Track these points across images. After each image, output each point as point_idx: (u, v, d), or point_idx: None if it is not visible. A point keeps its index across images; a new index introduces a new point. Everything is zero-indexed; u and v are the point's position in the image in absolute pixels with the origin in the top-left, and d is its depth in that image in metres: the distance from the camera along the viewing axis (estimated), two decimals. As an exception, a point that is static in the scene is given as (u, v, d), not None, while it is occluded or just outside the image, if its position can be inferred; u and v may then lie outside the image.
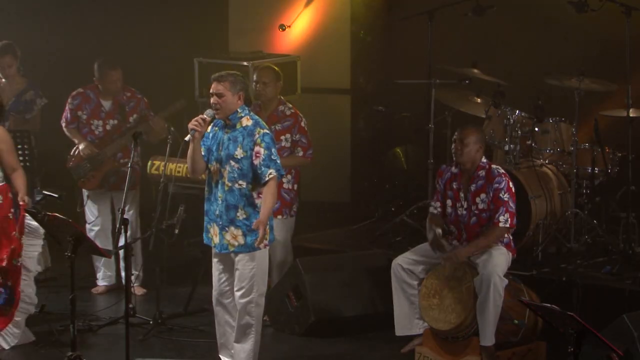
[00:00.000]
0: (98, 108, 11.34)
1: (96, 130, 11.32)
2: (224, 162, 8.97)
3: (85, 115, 11.32)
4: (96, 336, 10.20)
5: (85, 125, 11.32)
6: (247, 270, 9.04)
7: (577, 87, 10.91)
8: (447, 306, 9.59)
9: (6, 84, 11.47)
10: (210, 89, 9.02)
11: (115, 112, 11.32)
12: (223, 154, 8.99)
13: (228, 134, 9.00)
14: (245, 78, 9.18)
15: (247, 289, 9.02)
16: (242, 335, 9.14)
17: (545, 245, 10.77)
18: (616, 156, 11.04)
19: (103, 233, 11.31)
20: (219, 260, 9.16)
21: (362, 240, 11.85)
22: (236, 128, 8.98)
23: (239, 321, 9.10)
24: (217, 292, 9.21)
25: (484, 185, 9.65)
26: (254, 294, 9.05)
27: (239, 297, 9.05)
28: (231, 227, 8.98)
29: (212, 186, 9.09)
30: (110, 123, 11.30)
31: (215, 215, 9.05)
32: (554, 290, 10.01)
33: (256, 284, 9.04)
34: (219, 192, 9.01)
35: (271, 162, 8.91)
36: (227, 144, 8.99)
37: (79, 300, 9.32)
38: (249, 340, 9.14)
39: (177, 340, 10.13)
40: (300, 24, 13.39)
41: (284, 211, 10.69)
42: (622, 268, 10.47)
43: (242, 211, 8.97)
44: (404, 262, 9.81)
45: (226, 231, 9.01)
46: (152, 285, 10.98)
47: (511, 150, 11.05)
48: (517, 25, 11.97)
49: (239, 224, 8.97)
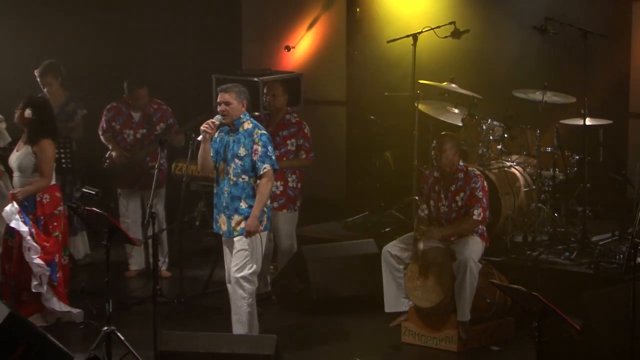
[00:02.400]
0: (129, 120, 11.39)
1: (128, 138, 11.37)
2: (230, 160, 9.06)
3: (118, 125, 11.38)
4: (128, 313, 10.25)
5: (119, 134, 11.38)
6: (242, 250, 9.07)
7: (541, 100, 10.96)
8: (429, 287, 9.61)
9: (50, 97, 11.38)
10: (218, 99, 9.09)
11: (144, 123, 11.36)
12: (229, 154, 9.07)
13: (232, 137, 9.09)
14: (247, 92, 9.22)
15: (241, 265, 9.08)
16: (236, 307, 9.19)
17: (513, 235, 10.79)
18: (574, 158, 11.03)
19: (134, 225, 11.32)
20: (227, 246, 9.22)
21: (356, 231, 11.86)
22: (239, 131, 9.07)
23: (232, 294, 9.17)
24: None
25: (463, 185, 9.69)
26: (246, 271, 9.08)
27: (234, 272, 9.11)
28: (235, 215, 9.05)
29: (220, 182, 9.15)
30: (140, 132, 11.34)
31: (222, 206, 9.12)
32: (521, 273, 10.02)
33: (249, 262, 9.08)
34: (226, 187, 9.08)
35: (267, 157, 9.00)
36: (232, 145, 9.08)
37: (113, 282, 9.36)
38: (242, 310, 9.16)
39: (197, 316, 10.20)
40: (303, 46, 13.48)
41: (289, 206, 10.75)
42: (578, 255, 10.52)
43: (244, 201, 9.04)
44: (392, 250, 9.86)
45: (232, 219, 9.07)
46: (176, 269, 11.00)
47: (484, 153, 11.06)
48: (488, 46, 11.95)
49: (242, 212, 9.04)
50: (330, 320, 10.28)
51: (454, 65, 11.89)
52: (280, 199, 10.69)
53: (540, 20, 10.80)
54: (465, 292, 9.48)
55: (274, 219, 10.54)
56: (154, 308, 9.05)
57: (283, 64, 13.34)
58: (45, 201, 9.93)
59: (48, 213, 9.93)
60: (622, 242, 10.67)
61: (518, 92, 11.25)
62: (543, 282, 9.64)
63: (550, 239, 10.89)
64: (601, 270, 10.18)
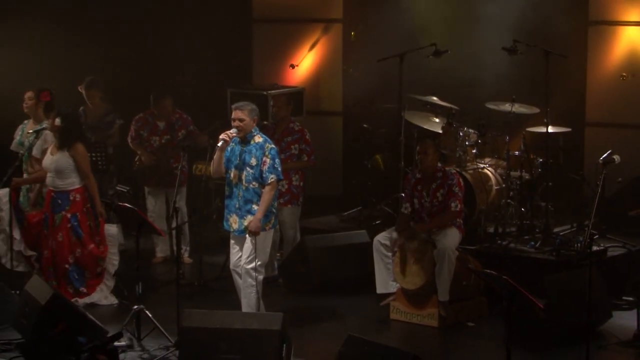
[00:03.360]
0: (155, 128, 11.37)
1: (154, 144, 11.34)
2: (242, 169, 9.01)
3: (145, 133, 11.36)
4: (155, 294, 10.24)
5: (146, 140, 11.36)
6: (252, 245, 9.03)
7: (509, 110, 10.98)
8: (413, 272, 9.64)
9: (92, 109, 11.45)
10: (233, 115, 9.04)
11: (168, 130, 11.33)
12: (241, 162, 9.03)
13: (244, 148, 9.03)
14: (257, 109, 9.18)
15: (252, 258, 9.03)
16: (246, 293, 9.15)
17: (486, 227, 10.80)
18: (538, 161, 11.03)
19: (159, 218, 11.28)
20: (235, 242, 9.18)
21: (351, 223, 11.87)
22: (250, 143, 9.02)
23: (243, 282, 9.13)
24: (233, 264, 9.22)
25: (442, 183, 9.71)
26: (256, 263, 9.06)
27: (245, 263, 9.06)
28: (248, 215, 9.00)
29: (232, 187, 9.10)
30: (165, 138, 11.31)
31: (235, 208, 9.07)
32: (492, 260, 10.03)
33: (257, 255, 9.04)
34: (239, 191, 9.04)
35: (274, 169, 8.95)
36: (244, 155, 9.03)
37: (142, 267, 9.50)
38: (251, 296, 9.12)
39: (214, 297, 10.21)
40: (305, 64, 13.50)
41: (293, 202, 10.75)
42: (542, 244, 10.53)
43: (256, 204, 8.99)
44: (382, 239, 9.88)
45: (244, 218, 9.02)
46: (196, 256, 11.02)
47: (461, 156, 11.05)
48: (464, 64, 11.93)
49: (254, 213, 8.99)
50: (328, 300, 10.29)
51: (435, 81, 11.88)
52: (286, 195, 10.69)
53: (509, 42, 10.79)
54: (444, 276, 9.51)
55: (280, 213, 10.51)
56: (177, 289, 9.11)
57: (288, 80, 13.33)
58: (77, 199, 9.94)
59: (80, 210, 9.95)
60: (580, 232, 10.71)
61: (490, 104, 11.26)
62: (511, 267, 9.63)
63: (517, 230, 10.89)
64: (561, 257, 10.18)
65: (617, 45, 12.10)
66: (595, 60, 12.25)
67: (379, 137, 12.52)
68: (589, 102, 12.33)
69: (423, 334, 9.51)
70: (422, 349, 8.45)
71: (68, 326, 8.70)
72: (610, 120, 12.09)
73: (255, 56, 13.68)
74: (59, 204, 9.93)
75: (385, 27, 12.41)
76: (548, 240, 10.58)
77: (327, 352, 8.29)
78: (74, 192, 9.93)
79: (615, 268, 10.11)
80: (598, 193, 8.84)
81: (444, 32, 11.97)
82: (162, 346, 8.87)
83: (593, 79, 12.28)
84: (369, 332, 9.00)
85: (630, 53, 12.00)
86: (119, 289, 10.19)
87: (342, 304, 10.15)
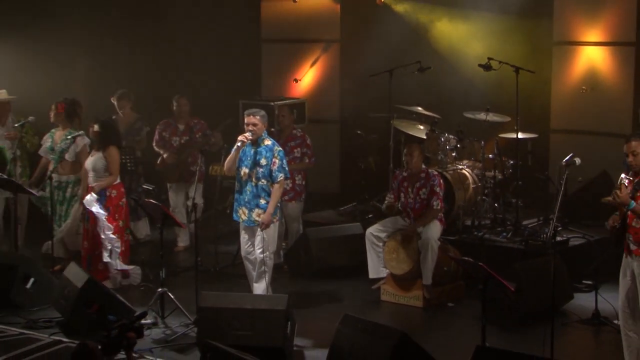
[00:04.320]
0: (176, 130, 11.34)
1: (175, 144, 11.30)
2: (252, 168, 9.02)
3: (167, 134, 11.34)
4: (176, 278, 10.21)
5: (168, 141, 11.33)
6: (263, 237, 9.05)
7: (485, 119, 10.96)
8: (401, 259, 9.65)
9: (123, 117, 11.42)
10: (246, 120, 9.05)
11: (187, 132, 11.29)
12: (252, 162, 9.02)
13: (255, 150, 9.04)
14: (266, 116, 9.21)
15: (264, 248, 9.05)
16: (259, 277, 9.17)
17: (464, 220, 10.78)
18: (509, 163, 11.03)
19: (180, 212, 11.25)
20: (245, 231, 9.18)
21: (347, 217, 11.81)
22: (260, 146, 9.03)
23: (257, 269, 9.14)
24: (244, 251, 9.23)
25: (425, 182, 9.72)
26: (267, 252, 9.08)
27: (259, 253, 9.08)
28: (256, 209, 9.02)
29: (242, 183, 9.11)
30: (184, 139, 11.26)
31: (245, 201, 9.08)
32: (470, 249, 9.99)
33: (269, 244, 9.07)
34: (249, 187, 9.05)
35: (282, 169, 9.00)
36: (255, 156, 9.03)
37: (166, 255, 9.50)
38: (263, 281, 9.14)
39: (228, 281, 10.17)
40: (307, 78, 13.46)
41: (297, 198, 10.72)
42: (513, 235, 10.51)
43: (263, 199, 9.02)
44: (373, 231, 9.87)
45: (253, 211, 9.04)
46: (212, 245, 10.92)
47: (442, 159, 11.04)
48: (445, 78, 11.87)
49: (262, 206, 9.02)
50: (327, 284, 10.28)
51: (420, 93, 11.86)
52: (290, 193, 10.66)
53: (484, 59, 10.77)
54: (428, 263, 9.52)
55: (285, 208, 10.62)
56: (196, 274, 9.13)
57: (292, 92, 13.29)
58: (113, 195, 9.91)
59: (114, 204, 9.92)
60: (545, 225, 10.67)
61: (468, 113, 11.24)
62: (486, 255, 9.58)
63: (491, 223, 10.88)
64: (529, 246, 10.17)
65: (577, 62, 12.08)
66: (558, 76, 12.22)
67: (371, 142, 12.49)
68: (554, 111, 12.30)
69: (409, 313, 9.52)
70: (408, 326, 8.46)
71: (101, 306, 8.73)
72: (572, 127, 12.07)
73: (264, 71, 13.66)
74: (97, 198, 9.88)
75: (377, 46, 12.39)
76: (518, 231, 10.56)
77: (326, 329, 8.24)
78: (110, 189, 9.92)
79: (576, 256, 10.09)
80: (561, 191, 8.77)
81: (427, 50, 11.94)
82: (182, 324, 8.89)
83: (557, 91, 12.26)
84: (362, 312, 8.99)
85: (589, 69, 11.99)
86: (146, 274, 10.16)
87: (339, 287, 10.15)
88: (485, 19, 11.80)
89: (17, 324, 8.96)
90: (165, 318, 9.00)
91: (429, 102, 11.75)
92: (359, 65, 12.70)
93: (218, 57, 13.22)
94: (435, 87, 11.90)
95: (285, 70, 13.47)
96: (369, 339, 7.62)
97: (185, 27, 13.15)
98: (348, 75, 13.30)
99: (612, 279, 8.72)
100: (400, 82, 11.54)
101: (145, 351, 8.22)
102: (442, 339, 8.64)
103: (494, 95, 11.17)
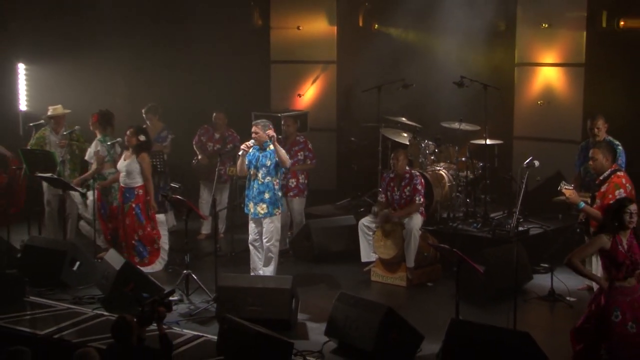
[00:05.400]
0: (212, 136, 11.25)
1: (210, 148, 11.22)
2: (259, 168, 9.04)
3: (204, 139, 11.27)
4: (199, 262, 10.16)
5: (204, 145, 11.27)
6: (270, 227, 9.09)
7: (458, 128, 10.97)
8: (388, 246, 9.65)
9: (151, 127, 11.38)
10: (252, 129, 9.14)
11: (221, 141, 11.19)
12: (259, 164, 9.05)
13: (261, 153, 9.07)
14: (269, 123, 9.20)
15: (270, 237, 9.10)
16: (267, 262, 9.18)
17: (441, 213, 10.78)
18: (479, 165, 11.01)
19: (207, 204, 11.09)
20: (253, 222, 9.20)
21: (342, 210, 11.78)
22: (266, 150, 9.07)
23: (265, 254, 9.16)
24: (251, 238, 9.24)
25: (409, 181, 9.71)
26: (273, 240, 9.12)
27: (266, 241, 9.12)
28: (261, 202, 9.05)
29: (251, 181, 9.14)
30: (217, 146, 11.16)
31: (252, 197, 9.11)
32: (446, 237, 10.00)
33: (273, 234, 9.10)
34: (255, 185, 9.08)
35: None
36: (261, 158, 9.06)
37: (190, 242, 9.50)
38: (271, 264, 9.18)
39: (242, 264, 10.02)
40: (309, 93, 13.40)
41: (301, 195, 10.71)
42: (482, 225, 10.51)
43: (267, 194, 9.04)
44: (365, 222, 9.88)
45: (258, 205, 9.07)
46: (229, 234, 10.94)
47: (423, 162, 11.03)
48: (426, 94, 11.80)
49: (266, 201, 9.05)
50: (325, 267, 10.26)
51: (404, 106, 11.83)
52: (295, 190, 10.67)
53: (457, 77, 10.78)
54: (410, 249, 9.52)
55: (290, 203, 10.64)
56: (215, 259, 9.17)
57: (296, 105, 13.26)
58: (140, 194, 9.90)
59: (142, 201, 9.92)
60: (509, 217, 10.67)
61: (444, 123, 11.24)
62: (460, 243, 9.60)
63: (464, 215, 10.86)
64: (496, 235, 10.16)
65: (536, 80, 12.05)
66: (520, 91, 12.20)
67: (362, 147, 12.48)
68: (516, 121, 12.27)
69: (395, 292, 9.50)
70: (394, 302, 8.42)
71: (136, 285, 8.74)
72: (532, 135, 12.02)
73: (273, 88, 13.61)
74: (127, 196, 9.91)
75: (367, 66, 12.39)
76: (486, 222, 10.56)
77: (325, 304, 8.27)
78: (138, 188, 9.91)
79: (535, 243, 10.09)
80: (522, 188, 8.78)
81: (410, 69, 11.91)
82: (204, 300, 8.88)
83: (519, 105, 12.23)
84: (355, 290, 9.00)
85: (545, 86, 11.97)
86: (172, 258, 10.16)
87: (336, 270, 10.13)
88: (459, 43, 11.76)
89: (65, 300, 8.98)
90: (190, 295, 8.98)
91: (412, 113, 11.74)
92: (352, 82, 12.70)
93: (235, 76, 13.19)
94: (417, 100, 11.86)
95: (291, 86, 13.44)
96: (361, 313, 7.67)
97: (207, 51, 13.07)
98: (343, 91, 13.26)
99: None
100: (388, 96, 11.52)
101: (172, 323, 8.23)
102: (422, 313, 8.63)
103: (466, 107, 11.14)
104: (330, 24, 13.22)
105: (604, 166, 8.27)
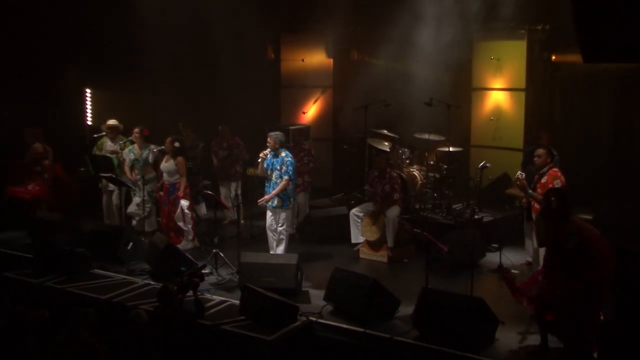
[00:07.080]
0: (222, 145, 11.19)
1: (220, 155, 11.17)
2: (273, 170, 9.00)
3: (216, 148, 11.23)
4: (225, 242, 9.98)
5: (217, 152, 11.22)
6: (282, 216, 9.03)
7: (428, 138, 10.93)
8: (373, 230, 9.61)
9: (186, 137, 11.28)
10: (268, 139, 9.08)
11: (228, 148, 11.13)
12: (273, 167, 9.00)
13: (274, 159, 9.02)
14: (282, 136, 9.12)
15: (282, 223, 9.04)
16: (279, 243, 9.12)
17: (414, 205, 10.73)
18: (444, 167, 10.96)
19: (226, 199, 11.06)
20: (270, 211, 9.12)
21: (337, 203, 11.65)
22: (279, 156, 9.01)
23: (278, 236, 9.11)
24: (268, 224, 9.16)
25: (389, 180, 9.68)
26: (285, 226, 9.06)
27: (279, 227, 9.06)
28: (276, 197, 8.99)
29: (268, 181, 9.09)
30: (225, 153, 11.11)
31: (268, 193, 9.04)
32: (418, 223, 9.92)
33: (285, 222, 9.05)
34: (271, 184, 9.03)
35: (287, 173, 8.94)
36: (275, 162, 9.01)
37: (218, 227, 9.52)
38: (282, 244, 9.11)
39: (259, 245, 9.98)
40: (311, 111, 13.30)
41: (305, 190, 10.68)
42: (446, 214, 10.44)
43: None
44: (355, 212, 9.83)
45: (275, 199, 9.01)
46: (248, 220, 10.75)
47: (400, 164, 10.99)
48: (403, 112, 11.65)
49: (280, 196, 8.98)
50: (324, 247, 10.19)
51: (386, 121, 11.72)
52: (301, 186, 10.64)
53: (427, 98, 10.69)
54: (390, 232, 9.48)
55: (297, 197, 10.53)
56: (237, 241, 9.08)
57: (301, 120, 13.15)
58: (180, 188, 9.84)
59: (186, 193, 9.84)
60: (467, 208, 10.61)
61: (417, 134, 11.18)
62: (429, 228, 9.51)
63: (432, 207, 10.80)
64: (457, 222, 10.11)
65: (487, 101, 11.99)
66: (476, 110, 12.12)
67: (353, 153, 12.37)
68: (473, 133, 12.19)
69: (378, 267, 9.46)
70: (378, 275, 8.40)
71: (176, 261, 8.71)
72: (485, 144, 11.94)
73: (282, 107, 13.53)
74: (171, 190, 9.85)
75: (358, 89, 12.31)
76: (449, 212, 10.51)
77: (323, 277, 8.26)
78: (178, 184, 9.84)
79: (487, 228, 10.07)
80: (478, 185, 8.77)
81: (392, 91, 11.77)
82: (229, 273, 8.86)
83: (475, 120, 12.16)
84: (347, 265, 8.95)
85: (495, 106, 11.90)
86: (204, 240, 10.10)
87: (332, 249, 10.08)
88: (428, 70, 11.64)
89: (121, 272, 8.97)
90: (218, 269, 8.97)
91: (392, 126, 11.67)
92: (345, 102, 12.60)
93: (251, 98, 13.06)
94: (396, 117, 11.76)
95: (297, 106, 13.34)
96: (352, 283, 7.68)
97: (231, 79, 12.97)
98: (338, 109, 13.17)
99: (512, 243, 8.75)
100: (373, 113, 11.42)
101: (204, 291, 8.18)
102: (400, 283, 8.58)
103: (434, 122, 11.08)
104: (328, 57, 13.19)
105: (545, 162, 8.36)
